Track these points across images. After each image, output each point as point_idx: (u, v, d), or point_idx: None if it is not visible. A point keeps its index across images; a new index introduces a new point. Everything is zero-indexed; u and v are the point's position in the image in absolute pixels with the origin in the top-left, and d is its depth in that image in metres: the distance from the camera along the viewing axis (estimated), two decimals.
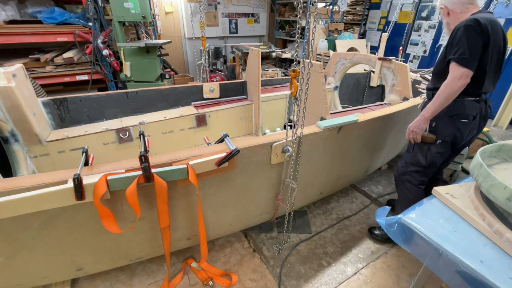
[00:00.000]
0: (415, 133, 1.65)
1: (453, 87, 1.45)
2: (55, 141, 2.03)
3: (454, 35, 1.46)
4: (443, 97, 1.48)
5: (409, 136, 1.69)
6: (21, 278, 1.38)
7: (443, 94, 1.48)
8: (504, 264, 0.83)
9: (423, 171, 1.79)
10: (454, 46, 1.45)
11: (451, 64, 1.46)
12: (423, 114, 1.59)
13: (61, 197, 1.11)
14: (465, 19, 1.45)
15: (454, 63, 1.44)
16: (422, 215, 1.02)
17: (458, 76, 1.43)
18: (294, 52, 1.41)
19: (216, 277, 1.72)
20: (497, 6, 3.07)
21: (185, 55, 6.15)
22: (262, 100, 2.93)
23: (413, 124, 1.65)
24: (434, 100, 1.52)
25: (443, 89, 1.47)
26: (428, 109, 1.55)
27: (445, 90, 1.47)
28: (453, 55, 1.44)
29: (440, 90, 1.49)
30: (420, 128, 1.63)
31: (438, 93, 1.50)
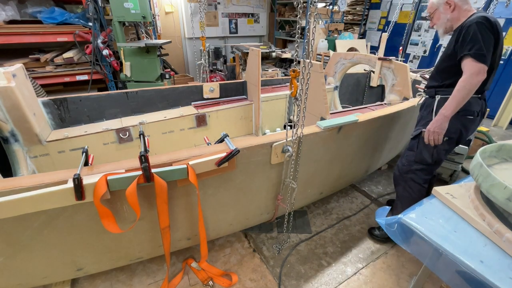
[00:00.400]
0: (437, 133, 1.59)
1: (472, 83, 1.44)
2: (55, 141, 2.03)
3: (465, 31, 1.45)
4: (463, 93, 1.46)
5: (430, 138, 1.62)
6: (21, 278, 1.38)
7: (463, 90, 1.45)
8: (504, 264, 0.83)
9: (428, 169, 1.79)
10: (467, 42, 1.43)
11: (466, 60, 1.45)
12: (444, 113, 1.53)
13: (61, 197, 1.11)
14: (474, 17, 1.45)
15: (470, 59, 1.43)
16: (422, 215, 1.02)
17: (476, 71, 1.42)
18: (294, 52, 1.41)
19: (216, 277, 1.72)
20: (497, 6, 3.07)
21: (185, 55, 6.15)
22: (262, 100, 2.93)
23: (433, 125, 1.58)
24: (453, 98, 1.49)
25: (462, 85, 1.45)
26: (448, 107, 1.52)
27: (464, 86, 1.45)
28: (468, 51, 1.42)
29: (459, 87, 1.47)
30: (442, 128, 1.57)
31: (457, 89, 1.47)
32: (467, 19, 1.52)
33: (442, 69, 1.64)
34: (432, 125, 1.60)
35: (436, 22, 1.67)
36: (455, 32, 1.58)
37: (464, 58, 1.46)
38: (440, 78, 1.65)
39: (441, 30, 1.67)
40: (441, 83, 1.66)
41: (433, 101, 1.68)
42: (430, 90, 1.73)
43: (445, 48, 1.66)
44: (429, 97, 1.75)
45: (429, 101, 1.74)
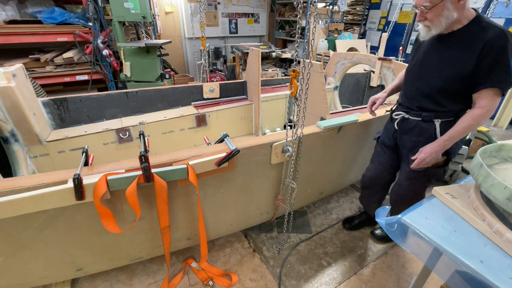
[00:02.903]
0: (429, 163, 1.40)
1: (486, 118, 1.25)
2: (55, 141, 2.03)
3: (496, 53, 1.15)
4: (474, 128, 1.35)
5: (420, 166, 1.42)
6: (21, 278, 1.38)
7: (475, 126, 1.27)
8: (504, 264, 0.83)
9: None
10: (499, 69, 1.17)
11: (491, 92, 1.21)
12: (445, 144, 1.34)
13: (61, 197, 1.11)
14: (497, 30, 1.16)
15: (498, 91, 1.20)
16: (422, 215, 1.02)
17: (495, 107, 1.23)
18: (294, 52, 1.40)
19: (216, 277, 1.72)
20: (497, 6, 3.07)
21: (185, 55, 6.14)
22: (262, 100, 2.93)
23: (430, 154, 1.36)
24: (463, 131, 1.29)
25: (477, 120, 1.25)
26: (453, 138, 1.32)
27: (479, 122, 1.26)
28: (498, 82, 1.18)
29: (472, 121, 1.26)
30: (437, 158, 1.40)
31: (469, 124, 1.26)
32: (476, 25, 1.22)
33: (451, 91, 1.32)
34: (428, 153, 1.37)
35: (434, 18, 1.22)
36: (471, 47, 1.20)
37: (489, 89, 1.20)
38: (446, 102, 1.35)
39: (436, 30, 1.26)
40: (446, 108, 1.36)
41: (431, 126, 1.42)
42: (428, 114, 1.42)
43: (456, 65, 1.26)
44: (423, 121, 1.45)
45: (424, 125, 1.45)
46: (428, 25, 1.26)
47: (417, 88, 1.43)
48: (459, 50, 1.25)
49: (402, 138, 1.58)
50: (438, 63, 1.33)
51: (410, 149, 1.54)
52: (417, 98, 1.44)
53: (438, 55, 1.33)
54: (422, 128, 1.45)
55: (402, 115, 1.54)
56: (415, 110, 1.47)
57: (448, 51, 1.29)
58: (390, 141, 1.68)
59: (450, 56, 1.28)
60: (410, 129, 1.51)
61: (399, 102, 1.61)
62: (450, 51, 1.28)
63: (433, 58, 1.35)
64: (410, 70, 1.52)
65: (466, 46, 1.22)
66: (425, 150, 1.38)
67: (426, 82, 1.39)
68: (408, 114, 1.50)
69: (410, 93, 1.50)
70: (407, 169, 1.55)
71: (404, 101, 1.54)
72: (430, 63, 1.37)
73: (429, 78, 1.37)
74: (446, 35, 1.29)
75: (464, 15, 1.23)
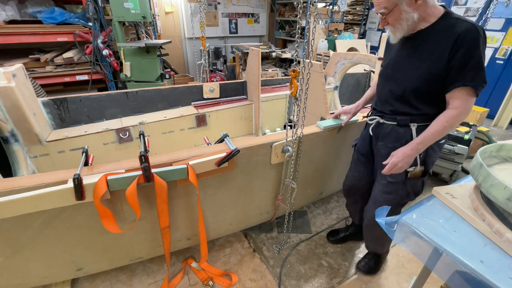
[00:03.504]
0: (401, 168, 1.29)
1: (462, 120, 1.17)
2: (55, 141, 2.03)
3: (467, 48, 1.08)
4: (449, 130, 1.21)
5: (392, 172, 1.31)
6: (21, 278, 1.38)
7: (450, 128, 1.20)
8: (504, 264, 0.83)
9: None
10: (471, 66, 1.09)
11: (464, 91, 1.12)
12: (418, 148, 1.24)
13: (61, 197, 1.11)
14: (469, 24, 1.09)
15: (472, 91, 1.12)
16: (422, 215, 1.02)
17: (471, 107, 1.15)
18: (294, 52, 1.40)
19: (216, 277, 1.72)
20: (497, 6, 3.07)
21: (185, 55, 6.14)
22: (262, 100, 2.93)
23: (402, 158, 1.25)
24: (437, 134, 1.21)
25: (452, 122, 1.17)
26: (426, 141, 1.23)
27: (453, 123, 1.18)
28: (471, 80, 1.10)
29: (447, 124, 1.18)
30: (409, 163, 1.29)
31: (444, 126, 1.19)
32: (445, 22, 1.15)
33: (425, 92, 1.24)
34: (400, 158, 1.25)
35: (394, 22, 1.18)
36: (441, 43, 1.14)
37: (461, 88, 1.12)
38: (420, 104, 1.26)
39: (400, 33, 1.21)
40: (421, 111, 1.28)
41: (407, 131, 1.32)
42: (403, 117, 1.32)
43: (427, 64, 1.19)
44: (398, 126, 1.34)
45: (400, 131, 1.34)
46: (392, 30, 1.23)
47: (390, 91, 1.34)
48: (429, 48, 1.18)
49: (378, 146, 1.46)
50: (409, 63, 1.26)
51: (385, 157, 1.38)
52: (390, 101, 1.35)
53: (409, 55, 1.26)
54: (399, 134, 1.34)
55: (376, 120, 1.44)
56: (389, 114, 1.37)
57: (418, 50, 1.22)
58: (365, 148, 1.57)
59: (420, 55, 1.22)
60: (385, 135, 1.40)
61: (373, 107, 1.52)
62: (420, 50, 1.22)
63: (404, 59, 1.29)
64: (382, 72, 1.44)
65: (436, 43, 1.16)
66: (397, 154, 1.28)
67: (398, 84, 1.30)
68: (383, 119, 1.40)
69: (383, 96, 1.41)
70: (383, 181, 1.42)
71: (378, 105, 1.45)
72: (402, 64, 1.30)
73: (401, 79, 1.29)
74: (415, 35, 1.23)
75: (429, 14, 1.16)
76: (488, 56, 4.49)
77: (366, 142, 1.55)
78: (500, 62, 4.38)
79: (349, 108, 1.68)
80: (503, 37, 4.30)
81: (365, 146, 1.57)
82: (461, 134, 2.58)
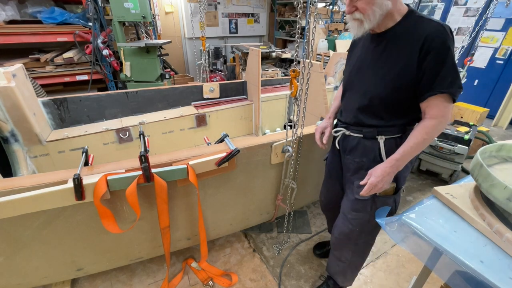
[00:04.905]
0: (381, 189, 1.14)
1: (441, 130, 1.07)
2: (55, 141, 2.03)
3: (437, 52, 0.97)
4: (428, 142, 1.09)
5: (371, 193, 1.14)
6: (21, 278, 1.38)
7: (430, 139, 1.07)
8: (504, 264, 0.83)
9: None
10: (444, 72, 0.98)
11: (441, 99, 1.01)
12: (397, 165, 1.10)
13: (61, 197, 1.11)
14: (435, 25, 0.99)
15: (449, 97, 1.01)
16: (422, 215, 1.02)
17: (450, 115, 1.04)
18: (294, 52, 1.40)
19: (216, 277, 1.72)
20: (497, 6, 3.07)
21: (185, 55, 6.15)
22: (262, 100, 2.93)
23: (382, 178, 1.10)
24: (414, 147, 1.07)
25: (431, 133, 1.05)
26: (405, 156, 1.09)
27: (432, 134, 1.06)
28: (447, 87, 0.99)
29: (426, 136, 1.05)
30: (389, 182, 1.14)
31: (423, 138, 1.06)
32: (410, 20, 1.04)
33: (394, 102, 1.10)
34: (378, 178, 1.10)
35: (365, 7, 1.01)
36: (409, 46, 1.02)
37: (437, 95, 1.00)
38: (388, 115, 1.13)
39: (369, 24, 1.04)
40: (389, 122, 1.14)
41: (375, 144, 1.18)
42: (369, 129, 1.18)
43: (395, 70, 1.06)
44: (364, 138, 1.21)
45: (366, 143, 1.21)
46: (359, 18, 1.04)
47: (354, 100, 1.20)
48: (396, 51, 1.06)
49: (345, 159, 1.33)
50: (374, 69, 1.12)
51: (353, 172, 1.29)
52: (355, 111, 1.21)
53: (374, 59, 1.12)
54: (365, 147, 1.21)
55: (342, 132, 1.30)
56: (354, 125, 1.24)
57: (384, 53, 1.09)
58: (335, 162, 1.44)
59: (387, 59, 1.08)
60: (352, 148, 1.27)
61: (338, 118, 1.38)
62: (387, 53, 1.08)
63: (369, 63, 1.14)
64: (346, 80, 1.30)
65: (404, 46, 1.03)
66: (375, 173, 1.11)
67: (363, 93, 1.16)
68: (349, 130, 1.26)
69: (348, 106, 1.26)
70: (352, 197, 1.30)
71: (343, 116, 1.31)
72: (366, 70, 1.15)
73: (366, 88, 1.15)
74: (380, 34, 1.10)
75: (397, 9, 1.05)
76: (488, 56, 4.49)
77: (335, 156, 1.43)
78: (500, 62, 4.38)
79: (325, 123, 1.46)
80: (503, 37, 4.30)
81: (335, 160, 1.45)
82: (461, 134, 2.58)
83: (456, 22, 4.80)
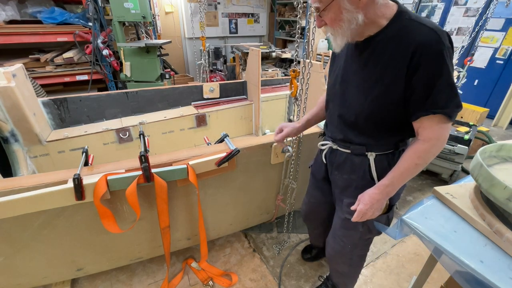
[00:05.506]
0: (372, 216, 1.05)
1: (436, 153, 0.94)
2: (55, 141, 2.03)
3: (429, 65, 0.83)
4: (421, 168, 0.97)
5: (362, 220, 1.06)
6: (21, 278, 1.38)
7: (422, 164, 0.95)
8: (504, 264, 0.83)
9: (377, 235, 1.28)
10: (439, 89, 0.84)
11: (436, 119, 0.88)
12: (387, 191, 1.00)
13: (61, 197, 1.11)
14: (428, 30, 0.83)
15: (444, 118, 0.87)
16: (422, 215, 1.02)
17: (446, 136, 0.91)
18: (294, 52, 1.40)
19: (216, 277, 1.72)
20: (497, 6, 3.07)
21: (185, 55, 6.15)
22: (262, 100, 2.93)
23: (371, 205, 1.01)
24: (405, 173, 0.97)
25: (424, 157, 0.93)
26: (396, 184, 0.99)
27: (426, 159, 0.94)
28: (442, 107, 0.85)
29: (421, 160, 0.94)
30: (382, 208, 1.06)
31: (415, 163, 0.94)
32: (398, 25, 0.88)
33: (383, 119, 0.98)
34: (369, 205, 1.01)
35: (332, 23, 0.89)
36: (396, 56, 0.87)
37: (431, 116, 0.88)
38: (378, 132, 1.03)
39: (341, 39, 0.92)
40: (380, 140, 1.04)
41: (364, 161, 1.09)
42: (357, 146, 1.08)
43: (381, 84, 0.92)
44: (353, 154, 1.11)
45: (355, 160, 1.11)
46: (331, 32, 0.93)
47: (340, 116, 1.09)
48: (382, 64, 0.91)
49: (333, 175, 1.24)
50: (359, 82, 0.98)
51: (342, 189, 1.21)
52: (341, 128, 1.11)
53: (358, 71, 0.98)
54: (354, 164, 1.12)
55: (329, 146, 1.20)
56: (341, 141, 1.14)
57: (368, 65, 0.94)
58: (321, 174, 1.35)
59: (371, 72, 0.94)
60: (340, 164, 1.17)
61: (324, 130, 1.29)
62: (370, 66, 0.94)
63: (353, 75, 1.01)
64: (329, 91, 1.17)
65: (390, 57, 0.88)
66: (363, 200, 1.03)
67: (349, 108, 1.04)
68: (336, 145, 1.16)
69: (332, 121, 1.16)
70: (342, 216, 1.23)
71: (329, 129, 1.21)
72: (351, 82, 1.02)
73: (351, 103, 1.03)
74: (363, 42, 0.95)
75: (379, 15, 0.88)
76: (488, 56, 4.49)
77: (321, 168, 1.33)
78: (500, 62, 4.38)
79: (290, 128, 1.31)
80: (503, 37, 4.30)
81: (320, 172, 1.35)
82: (461, 134, 2.58)
83: (456, 22, 4.80)
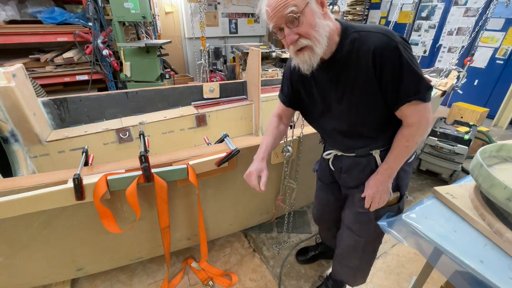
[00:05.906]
0: (382, 198, 1.13)
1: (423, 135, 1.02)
2: (55, 141, 2.03)
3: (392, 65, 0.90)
4: (412, 149, 1.05)
5: (374, 207, 1.16)
6: (21, 278, 1.38)
7: (412, 146, 1.03)
8: (504, 264, 0.83)
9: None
10: (404, 81, 0.91)
11: (415, 106, 0.95)
12: (388, 173, 1.09)
13: (61, 197, 1.11)
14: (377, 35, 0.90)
15: (421, 103, 0.95)
16: (422, 215, 1.02)
17: (429, 117, 0.99)
18: None
19: (216, 277, 1.72)
20: (497, 6, 3.07)
21: (185, 55, 6.15)
22: (262, 100, 2.93)
23: (377, 189, 1.11)
24: (398, 156, 1.06)
25: (411, 140, 1.01)
26: (392, 166, 1.08)
27: (414, 140, 1.02)
28: (414, 94, 0.92)
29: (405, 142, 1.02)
30: (388, 191, 1.14)
31: (403, 145, 1.03)
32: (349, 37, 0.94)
33: (374, 121, 1.05)
34: (375, 189, 1.11)
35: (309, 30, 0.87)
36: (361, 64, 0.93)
37: (406, 104, 0.95)
38: (374, 132, 1.09)
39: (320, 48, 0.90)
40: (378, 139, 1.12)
41: (370, 158, 1.15)
42: (361, 150, 1.15)
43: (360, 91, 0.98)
44: (358, 156, 1.18)
45: (362, 161, 1.18)
46: (307, 44, 0.89)
47: (334, 129, 1.14)
48: (351, 75, 0.96)
49: (342, 178, 1.29)
50: (339, 96, 1.03)
51: (353, 188, 1.27)
52: (340, 139, 1.17)
53: (333, 88, 1.03)
54: (362, 165, 1.18)
55: (333, 154, 1.27)
56: (344, 149, 1.21)
57: (340, 79, 0.99)
58: (327, 178, 1.40)
59: (345, 85, 0.99)
60: (347, 168, 1.23)
61: (325, 143, 1.35)
62: (343, 80, 0.99)
63: (330, 92, 1.05)
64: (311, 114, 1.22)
65: (356, 68, 0.94)
66: (368, 185, 1.14)
67: (339, 120, 1.09)
68: (340, 151, 1.23)
69: (329, 135, 1.21)
70: (354, 210, 1.27)
71: (329, 143, 1.29)
72: (331, 98, 1.06)
73: (340, 116, 1.08)
74: (327, 63, 0.98)
75: (333, 28, 0.94)
76: (488, 56, 4.49)
77: (327, 173, 1.38)
78: (500, 62, 4.38)
79: (259, 166, 1.27)
80: (503, 37, 4.30)
81: (326, 176, 1.41)
82: (461, 134, 2.58)
83: (456, 22, 4.81)
